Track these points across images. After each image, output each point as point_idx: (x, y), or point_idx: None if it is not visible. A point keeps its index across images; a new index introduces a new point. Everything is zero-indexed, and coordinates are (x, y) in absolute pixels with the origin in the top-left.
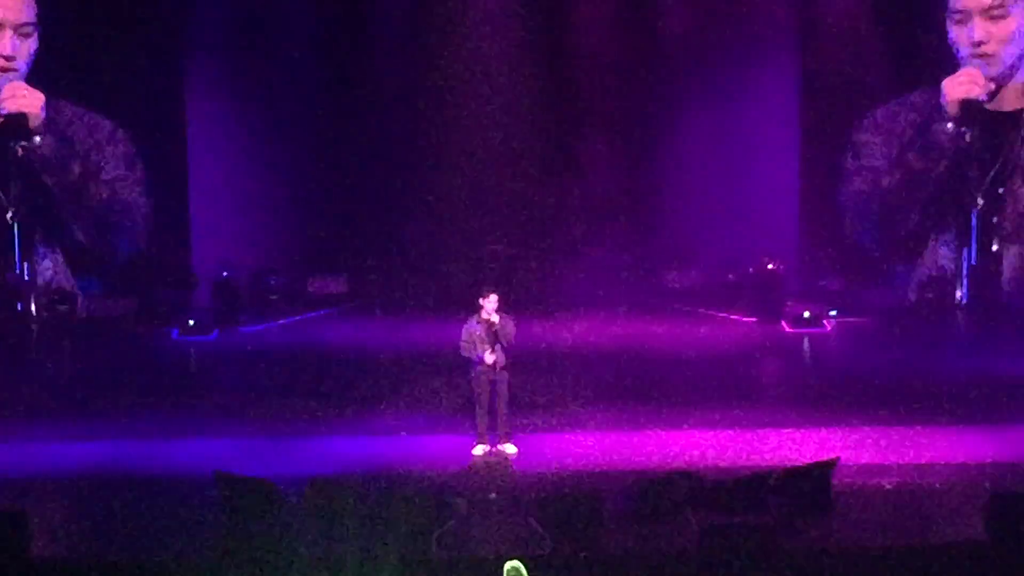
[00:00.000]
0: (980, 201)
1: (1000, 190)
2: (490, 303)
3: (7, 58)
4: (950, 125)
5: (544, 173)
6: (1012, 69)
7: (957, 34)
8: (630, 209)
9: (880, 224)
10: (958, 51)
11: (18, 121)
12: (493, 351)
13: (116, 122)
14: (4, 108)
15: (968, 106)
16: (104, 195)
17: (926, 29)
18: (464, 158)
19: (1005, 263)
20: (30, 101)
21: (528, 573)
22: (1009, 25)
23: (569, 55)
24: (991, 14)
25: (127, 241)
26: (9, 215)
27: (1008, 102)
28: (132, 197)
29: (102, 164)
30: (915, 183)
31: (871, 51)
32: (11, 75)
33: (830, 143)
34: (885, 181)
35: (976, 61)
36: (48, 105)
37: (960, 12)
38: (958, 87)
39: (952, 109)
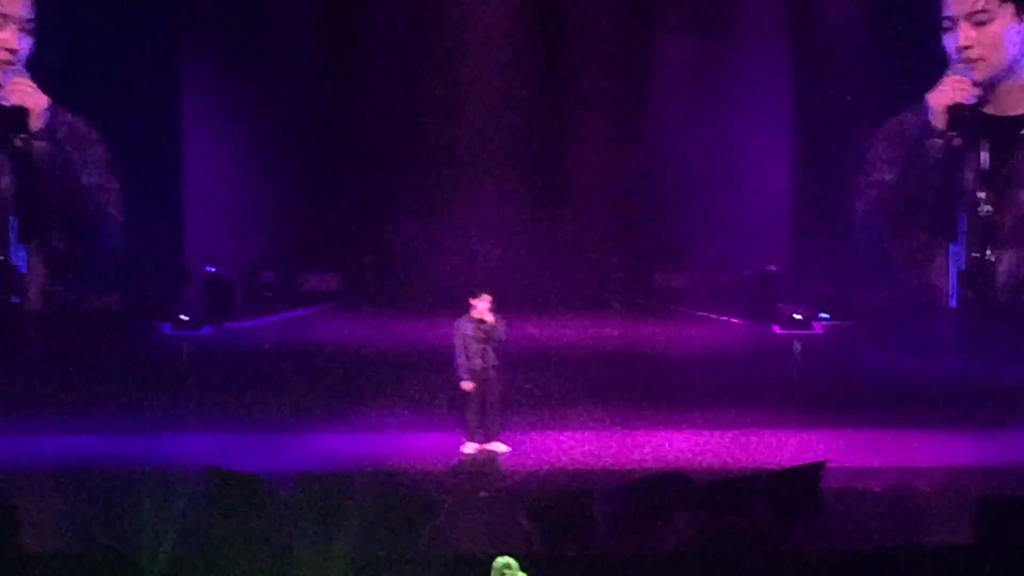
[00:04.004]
0: (986, 207)
1: (1002, 193)
2: (482, 303)
3: (11, 51)
4: (940, 140)
5: (537, 172)
6: (1008, 72)
7: (948, 41)
8: (622, 210)
9: (890, 238)
10: (951, 57)
11: (18, 114)
12: (484, 351)
13: (97, 128)
14: (8, 99)
15: (956, 111)
16: (85, 204)
17: (924, 36)
18: (457, 158)
19: (1000, 267)
20: (34, 99)
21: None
22: (993, 29)
23: (562, 58)
24: (975, 19)
25: (102, 249)
26: None
27: (1011, 105)
28: (110, 205)
29: (85, 171)
30: (917, 201)
31: (866, 56)
32: (14, 68)
33: (823, 146)
34: (892, 197)
35: (962, 66)
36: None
37: (949, 19)
38: (943, 95)
39: (940, 120)
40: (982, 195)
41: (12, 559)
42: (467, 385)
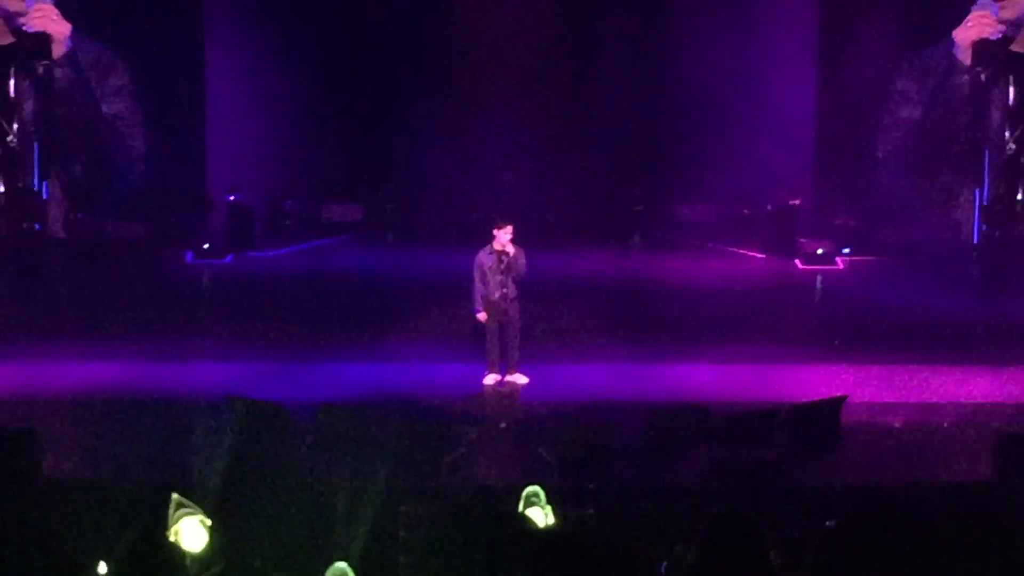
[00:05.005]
0: (1012, 146)
1: None
2: (505, 234)
3: None
4: (966, 76)
5: (559, 105)
6: None
7: None
8: (644, 142)
9: (915, 177)
10: None
11: (41, 41)
12: (504, 283)
13: (120, 56)
14: (31, 26)
15: (982, 47)
16: (105, 133)
17: None
18: (480, 89)
19: None
20: (57, 26)
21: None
22: None
23: None
24: None
25: (121, 179)
26: (11, 138)
27: None
28: (131, 135)
29: (106, 100)
30: (944, 138)
31: None
32: None
33: (848, 80)
34: (916, 133)
35: (988, 2)
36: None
37: None
38: (968, 31)
39: (965, 56)
40: (1007, 133)
41: (32, 483)
42: (482, 315)
